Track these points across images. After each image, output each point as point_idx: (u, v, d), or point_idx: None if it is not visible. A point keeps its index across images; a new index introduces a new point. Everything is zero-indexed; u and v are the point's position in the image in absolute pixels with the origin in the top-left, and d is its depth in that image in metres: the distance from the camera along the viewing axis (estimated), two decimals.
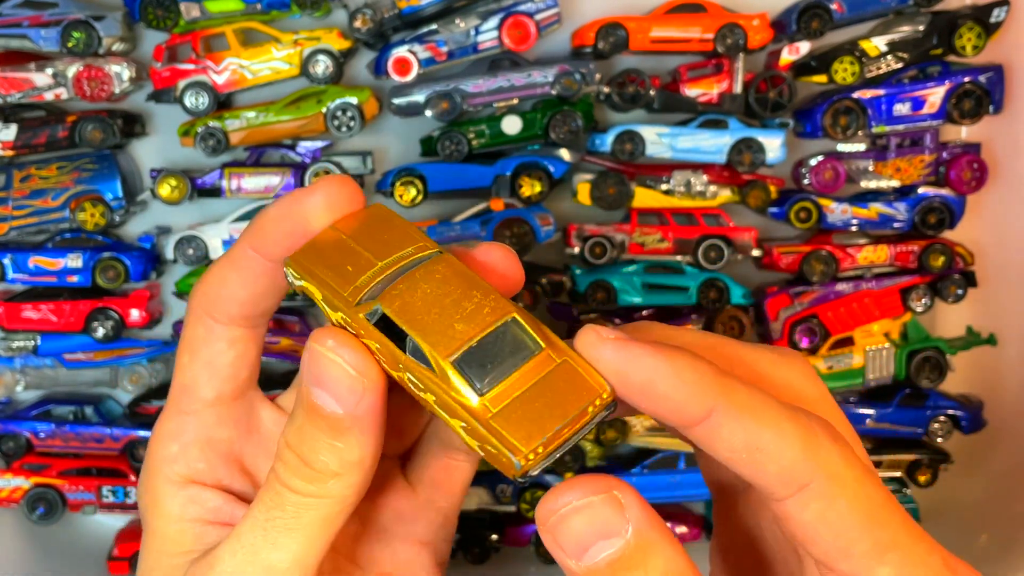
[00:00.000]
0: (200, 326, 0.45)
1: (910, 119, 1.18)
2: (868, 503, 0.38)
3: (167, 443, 0.47)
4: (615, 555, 0.36)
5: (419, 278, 0.39)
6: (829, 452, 0.38)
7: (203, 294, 0.45)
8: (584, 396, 0.38)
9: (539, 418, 0.37)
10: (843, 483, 0.38)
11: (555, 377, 0.38)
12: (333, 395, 0.39)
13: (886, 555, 0.38)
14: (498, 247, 0.43)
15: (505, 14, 1.14)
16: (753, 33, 1.15)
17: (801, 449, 0.37)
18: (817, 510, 0.37)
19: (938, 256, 1.20)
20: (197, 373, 0.46)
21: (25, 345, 1.19)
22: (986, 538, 1.15)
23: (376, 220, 0.42)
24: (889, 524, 0.39)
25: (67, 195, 1.18)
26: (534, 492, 1.18)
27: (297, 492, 0.40)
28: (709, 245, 1.19)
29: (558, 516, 0.36)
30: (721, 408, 0.37)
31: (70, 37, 1.12)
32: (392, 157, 1.23)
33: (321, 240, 0.41)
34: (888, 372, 1.21)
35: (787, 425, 0.37)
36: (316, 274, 0.40)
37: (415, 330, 0.37)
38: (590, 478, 0.36)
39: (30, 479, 1.19)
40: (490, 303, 0.38)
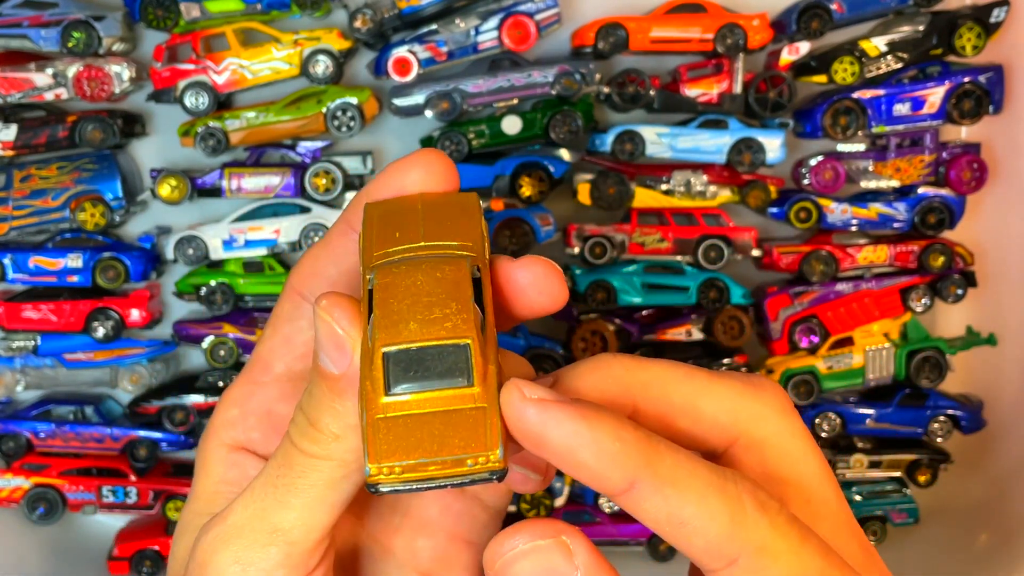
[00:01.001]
0: (288, 303, 0.46)
1: (910, 119, 1.18)
2: (803, 573, 0.37)
3: (229, 407, 0.48)
4: None
5: (423, 268, 0.39)
6: (757, 524, 0.36)
7: (298, 272, 0.46)
8: (472, 448, 0.36)
9: (416, 443, 0.36)
10: (774, 556, 0.36)
11: (462, 417, 0.37)
12: (328, 354, 0.39)
13: None
14: (539, 264, 0.42)
15: (505, 14, 1.14)
16: (753, 33, 1.15)
17: (728, 522, 0.36)
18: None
19: (938, 256, 1.20)
20: (275, 346, 0.47)
21: (25, 345, 1.19)
22: (986, 538, 1.15)
23: (457, 206, 0.42)
24: (851, 557, 0.38)
25: (67, 195, 1.18)
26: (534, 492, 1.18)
27: (304, 453, 0.41)
28: (709, 245, 1.19)
29: (504, 560, 0.36)
30: (643, 480, 0.36)
31: (70, 37, 1.12)
32: (392, 157, 1.23)
33: (402, 201, 0.42)
34: (888, 372, 1.21)
35: (713, 497, 0.36)
36: (372, 225, 0.41)
37: (380, 310, 0.38)
38: (538, 522, 0.36)
39: (30, 479, 1.19)
40: (458, 320, 0.38)
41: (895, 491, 1.23)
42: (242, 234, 1.18)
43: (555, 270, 0.42)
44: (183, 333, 1.20)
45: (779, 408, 0.41)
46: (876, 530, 1.20)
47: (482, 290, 0.40)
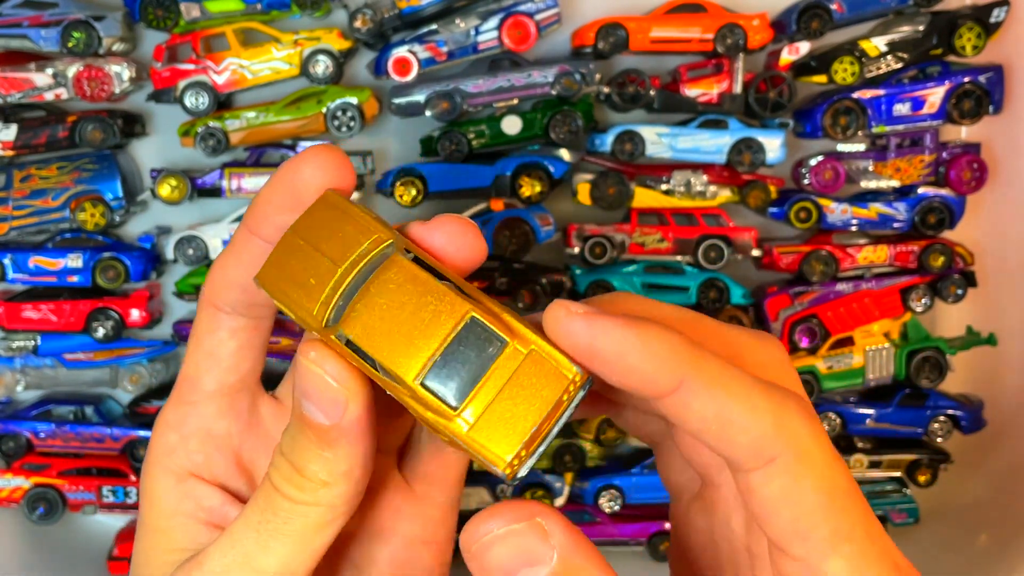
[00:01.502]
0: (205, 315, 0.45)
1: (910, 119, 1.18)
2: (833, 487, 0.38)
3: (167, 433, 0.46)
4: None
5: (374, 292, 0.38)
6: (800, 429, 0.37)
7: (209, 282, 0.45)
8: (557, 386, 0.37)
9: (516, 421, 0.37)
10: (811, 462, 0.37)
11: (525, 371, 0.37)
12: (318, 407, 0.39)
13: (842, 545, 0.38)
14: (451, 222, 0.41)
15: (505, 14, 1.14)
16: (753, 33, 1.15)
17: (772, 423, 0.37)
18: (781, 486, 0.37)
19: (938, 256, 1.20)
20: (200, 363, 0.46)
21: (25, 345, 1.19)
22: (986, 538, 1.15)
23: (332, 211, 0.41)
24: (850, 514, 0.38)
25: (67, 195, 1.18)
26: (534, 492, 1.18)
27: (289, 499, 0.41)
28: (709, 245, 1.19)
29: (480, 544, 0.36)
30: (692, 379, 0.36)
31: (70, 37, 1.12)
32: (392, 157, 1.23)
33: (283, 248, 0.40)
34: (888, 372, 1.21)
35: (759, 398, 0.37)
36: (285, 292, 0.39)
37: (380, 353, 0.37)
38: (513, 504, 0.36)
39: (30, 479, 1.19)
40: (446, 307, 0.38)
41: (895, 491, 1.23)
42: None
43: (467, 225, 0.42)
44: (183, 333, 1.21)
45: (779, 359, 0.42)
46: None
47: (429, 263, 0.39)
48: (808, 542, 0.37)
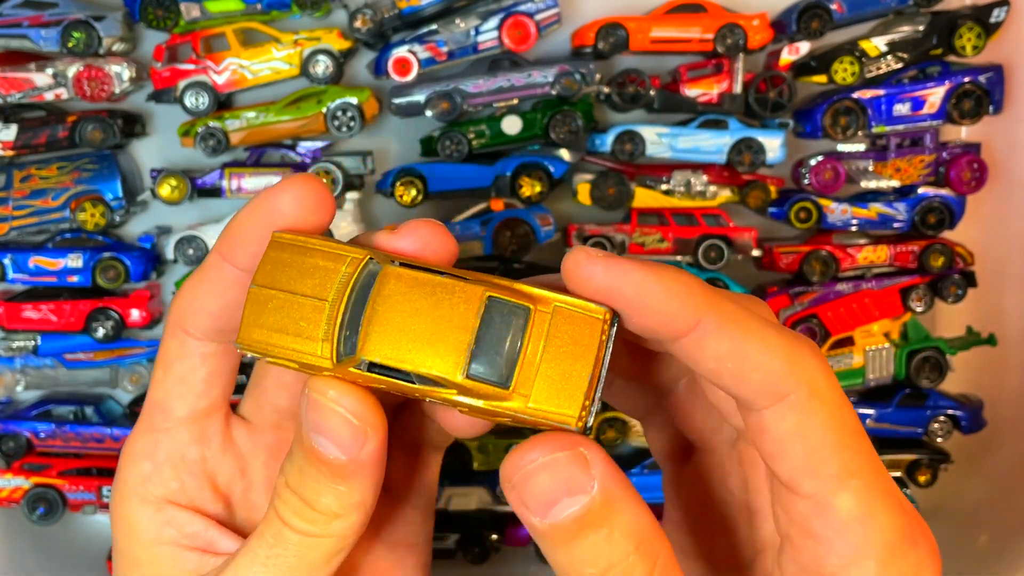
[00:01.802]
0: (174, 341, 0.45)
1: (910, 119, 1.18)
2: (842, 425, 0.38)
3: (140, 462, 0.46)
4: (580, 512, 0.36)
5: (383, 309, 0.37)
6: (813, 368, 0.38)
7: (177, 308, 0.45)
8: (592, 331, 0.38)
9: (569, 378, 0.37)
10: (822, 400, 0.38)
11: (558, 329, 0.38)
12: (336, 443, 0.38)
13: (850, 481, 0.38)
14: (419, 226, 0.42)
15: (505, 14, 1.14)
16: (753, 33, 1.15)
17: (786, 361, 0.38)
18: (793, 422, 0.38)
19: (938, 256, 1.20)
20: (170, 389, 0.45)
21: (25, 345, 1.19)
22: (986, 538, 1.15)
23: (290, 252, 0.40)
24: (858, 451, 0.39)
25: (67, 195, 1.18)
26: None
27: (299, 532, 0.40)
28: (709, 245, 1.19)
29: (524, 473, 0.36)
30: (709, 318, 0.37)
31: (70, 37, 1.12)
32: (392, 157, 1.23)
33: (254, 303, 0.39)
34: (888, 372, 1.21)
35: (773, 337, 0.38)
36: (275, 347, 0.38)
37: (412, 364, 0.37)
38: (555, 435, 0.37)
39: (30, 479, 1.19)
40: (461, 297, 0.38)
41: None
42: None
43: (434, 225, 0.42)
44: None
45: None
46: None
47: (421, 265, 0.39)
48: (818, 478, 0.38)
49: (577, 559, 0.37)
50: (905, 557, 0.39)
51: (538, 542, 0.38)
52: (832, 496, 0.38)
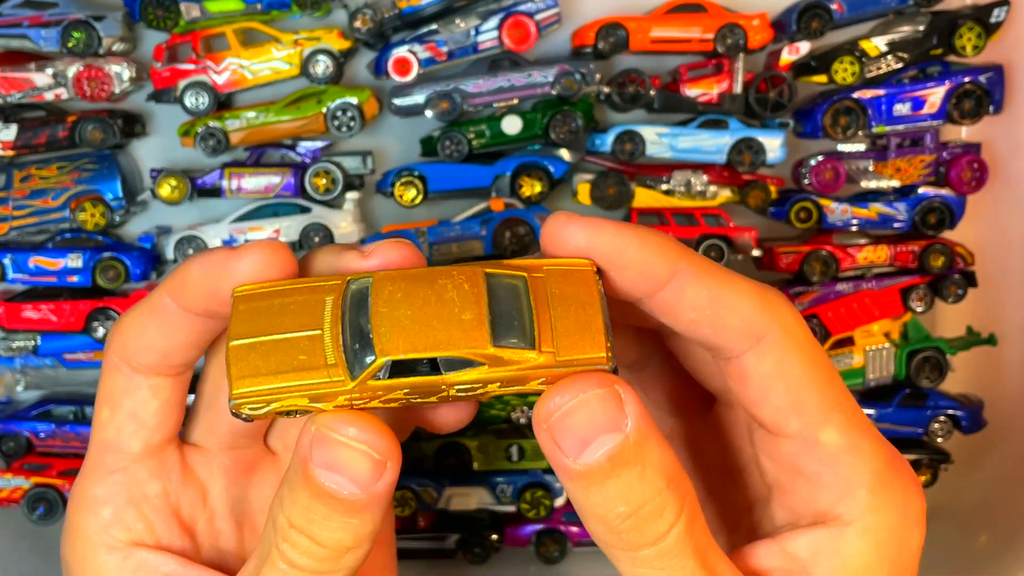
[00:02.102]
0: (119, 376, 0.43)
1: (910, 119, 1.18)
2: (819, 362, 0.41)
3: (98, 509, 0.44)
4: (615, 450, 0.36)
5: (385, 311, 0.37)
6: (785, 310, 0.41)
7: (121, 343, 0.43)
8: (588, 281, 0.39)
9: (585, 325, 0.38)
10: (797, 339, 0.40)
11: (556, 287, 0.39)
12: (353, 480, 0.38)
13: (832, 415, 0.40)
14: (387, 246, 0.42)
15: (505, 14, 1.14)
16: (753, 33, 1.15)
17: (759, 303, 0.40)
18: (773, 361, 0.40)
19: (938, 256, 1.20)
20: (121, 426, 0.44)
21: (25, 345, 1.19)
22: (986, 538, 1.15)
23: (260, 300, 0.39)
24: (835, 386, 0.41)
25: (67, 195, 1.18)
26: (534, 492, 1.18)
27: (310, 572, 0.39)
28: (709, 245, 1.19)
29: (562, 411, 0.37)
30: (684, 268, 0.40)
31: (70, 37, 1.12)
32: (392, 157, 1.23)
33: (238, 360, 0.38)
34: (888, 372, 1.21)
35: (744, 284, 0.41)
36: (279, 390, 0.37)
37: (438, 349, 0.37)
38: (588, 374, 0.37)
39: (30, 479, 1.19)
40: (460, 279, 0.39)
41: None
42: (242, 234, 1.18)
43: (402, 243, 0.43)
44: None
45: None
46: None
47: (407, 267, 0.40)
48: (803, 415, 0.40)
49: (611, 498, 0.37)
50: (892, 484, 0.41)
51: (568, 484, 0.38)
52: (818, 431, 0.40)
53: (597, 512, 0.37)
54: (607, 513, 0.37)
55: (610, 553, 0.39)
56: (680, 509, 0.38)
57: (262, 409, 0.38)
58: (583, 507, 0.38)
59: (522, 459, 1.19)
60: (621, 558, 0.38)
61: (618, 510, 0.37)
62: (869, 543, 0.40)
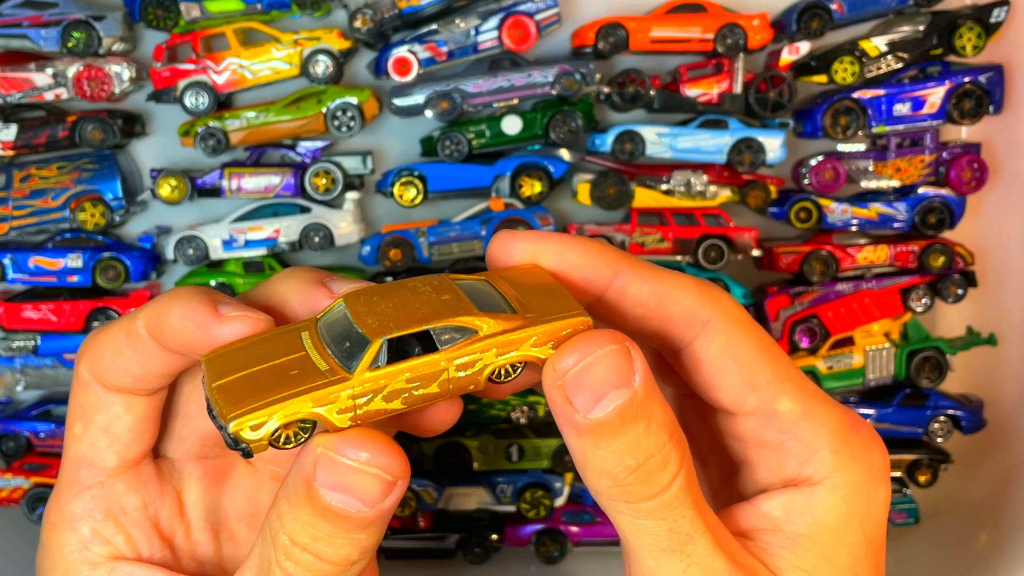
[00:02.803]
0: (91, 394, 0.43)
1: (910, 119, 1.18)
2: (763, 339, 0.43)
3: (77, 526, 0.44)
4: (625, 405, 0.38)
5: (366, 314, 0.38)
6: (723, 297, 0.44)
7: (93, 361, 0.43)
8: (540, 272, 0.43)
9: (554, 297, 0.41)
10: (739, 320, 0.43)
11: (516, 281, 0.42)
12: (362, 500, 0.38)
13: (785, 385, 0.43)
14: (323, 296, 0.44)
15: (505, 14, 1.14)
16: (753, 33, 1.15)
17: (698, 292, 0.43)
18: (721, 344, 0.42)
19: (938, 256, 1.20)
20: (95, 441, 0.44)
21: (25, 345, 1.19)
22: (986, 538, 1.15)
23: (234, 353, 0.39)
24: (783, 360, 0.43)
25: (67, 195, 1.18)
26: (534, 492, 1.18)
27: None
28: (709, 245, 1.19)
29: (580, 367, 0.38)
30: (625, 268, 0.43)
31: (70, 37, 1.12)
32: (392, 157, 1.23)
33: (226, 396, 0.37)
34: (888, 372, 1.21)
35: (683, 278, 0.44)
36: (281, 399, 0.37)
37: (429, 322, 0.38)
38: (600, 332, 0.39)
39: (30, 479, 1.19)
40: (429, 284, 0.41)
41: (895, 491, 1.23)
42: (242, 234, 1.18)
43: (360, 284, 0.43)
44: None
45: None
46: None
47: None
48: (757, 390, 0.42)
49: (619, 451, 0.38)
50: (853, 441, 0.43)
51: (577, 441, 0.39)
52: (774, 402, 0.42)
53: (605, 467, 0.39)
54: (615, 467, 0.38)
55: (612, 508, 0.40)
56: (681, 462, 0.39)
57: (264, 426, 0.36)
58: (590, 462, 0.39)
59: (522, 459, 1.19)
60: (624, 511, 0.40)
61: (626, 463, 0.38)
62: (838, 498, 0.42)
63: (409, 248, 1.17)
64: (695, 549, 0.39)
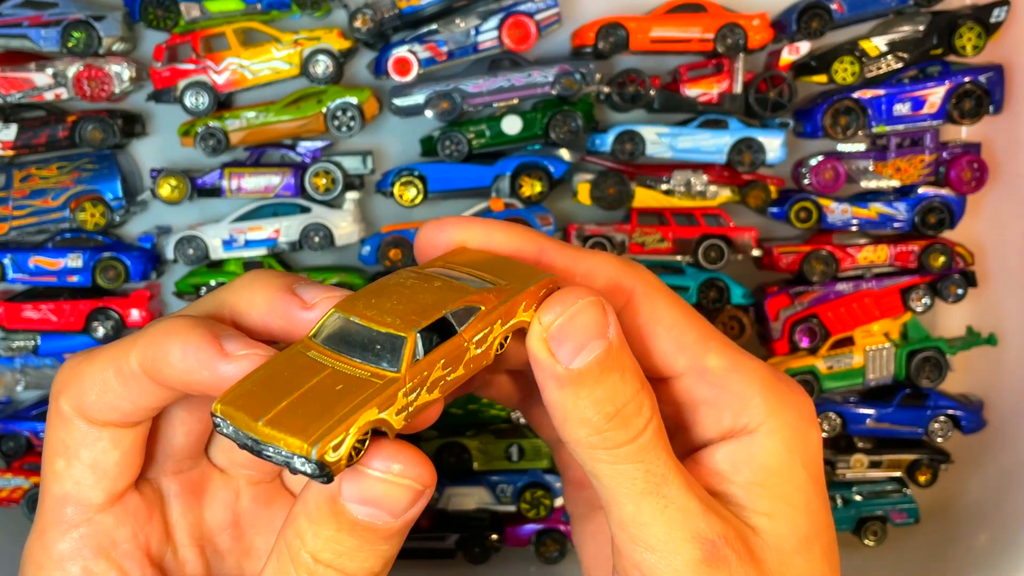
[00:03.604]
0: (73, 427, 0.42)
1: (910, 119, 1.18)
2: (682, 304, 0.46)
3: (66, 566, 0.43)
4: (603, 355, 0.40)
5: (370, 313, 0.39)
6: (642, 269, 0.46)
7: (78, 396, 0.42)
8: (480, 252, 0.45)
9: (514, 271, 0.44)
10: (660, 289, 0.45)
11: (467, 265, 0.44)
12: (390, 511, 0.38)
13: (710, 342, 0.45)
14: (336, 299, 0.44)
15: (505, 14, 1.14)
16: (753, 33, 1.15)
17: (619, 265, 0.45)
18: (647, 311, 0.45)
19: (938, 256, 1.20)
20: (80, 478, 0.42)
21: (25, 345, 1.19)
22: (986, 538, 1.15)
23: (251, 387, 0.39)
24: (702, 320, 0.46)
25: (67, 195, 1.18)
26: (534, 492, 1.18)
27: None
28: (709, 245, 1.19)
29: (564, 319, 0.40)
30: (548, 247, 0.45)
31: (70, 37, 1.12)
32: (392, 157, 1.23)
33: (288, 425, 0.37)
34: (888, 372, 1.21)
35: (603, 254, 0.46)
36: (346, 414, 0.37)
37: (444, 308, 0.40)
38: (575, 288, 0.42)
39: (30, 479, 1.19)
40: (405, 275, 0.43)
41: (895, 491, 1.23)
42: (242, 234, 1.18)
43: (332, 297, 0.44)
44: None
45: None
46: (876, 530, 1.20)
47: None
48: (686, 349, 0.45)
49: (599, 399, 0.40)
50: (780, 389, 0.44)
51: (558, 393, 0.41)
52: (703, 359, 0.44)
53: (585, 415, 0.40)
54: (595, 414, 0.40)
55: (591, 456, 0.41)
56: (653, 407, 0.41)
57: (343, 444, 0.36)
58: (570, 413, 0.41)
59: (522, 459, 1.19)
60: (603, 458, 0.41)
61: (605, 410, 0.40)
62: (777, 442, 0.43)
63: (409, 248, 1.17)
64: (670, 490, 0.41)
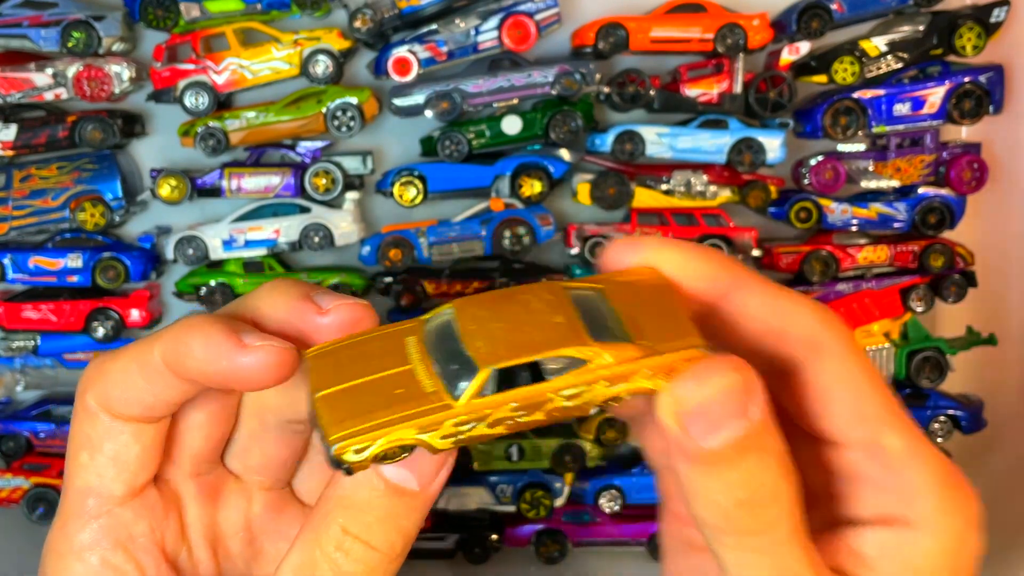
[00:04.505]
0: (97, 421, 0.43)
1: (910, 119, 1.18)
2: (872, 370, 0.41)
3: (86, 556, 0.43)
4: (742, 435, 0.36)
5: (474, 330, 0.37)
6: (839, 322, 0.41)
7: (102, 391, 0.43)
8: (657, 280, 0.41)
9: (669, 319, 0.39)
10: (853, 348, 0.41)
11: (631, 295, 0.40)
12: (419, 476, 0.39)
13: (893, 420, 0.41)
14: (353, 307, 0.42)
15: (505, 14, 1.14)
16: (753, 33, 1.15)
17: (817, 314, 0.41)
18: (834, 370, 0.40)
19: (938, 256, 1.20)
20: (102, 471, 0.43)
21: (25, 345, 1.19)
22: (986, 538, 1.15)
23: (335, 355, 0.39)
24: (888, 391, 0.41)
25: (67, 195, 1.17)
26: (534, 492, 1.18)
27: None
28: (709, 245, 1.19)
29: (699, 395, 0.36)
30: (746, 280, 0.41)
31: (70, 37, 1.12)
32: (392, 157, 1.23)
33: (330, 408, 0.37)
34: (888, 372, 1.21)
35: (801, 297, 0.42)
36: (385, 424, 0.36)
37: (540, 351, 0.37)
38: (720, 359, 0.37)
39: (30, 479, 1.19)
40: (540, 294, 0.39)
41: None
42: (242, 234, 1.18)
43: (360, 307, 0.42)
44: None
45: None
46: None
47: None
48: (865, 422, 0.40)
49: (731, 483, 0.37)
50: (956, 489, 0.41)
51: (687, 468, 0.38)
52: (880, 436, 0.40)
53: (714, 497, 0.37)
54: (725, 499, 0.37)
55: (717, 540, 0.39)
56: (793, 497, 0.38)
57: (368, 450, 0.36)
58: (698, 492, 0.38)
59: (522, 459, 1.19)
60: (728, 543, 0.38)
61: (736, 496, 0.37)
62: (937, 546, 0.40)
63: (409, 248, 1.17)
64: None
